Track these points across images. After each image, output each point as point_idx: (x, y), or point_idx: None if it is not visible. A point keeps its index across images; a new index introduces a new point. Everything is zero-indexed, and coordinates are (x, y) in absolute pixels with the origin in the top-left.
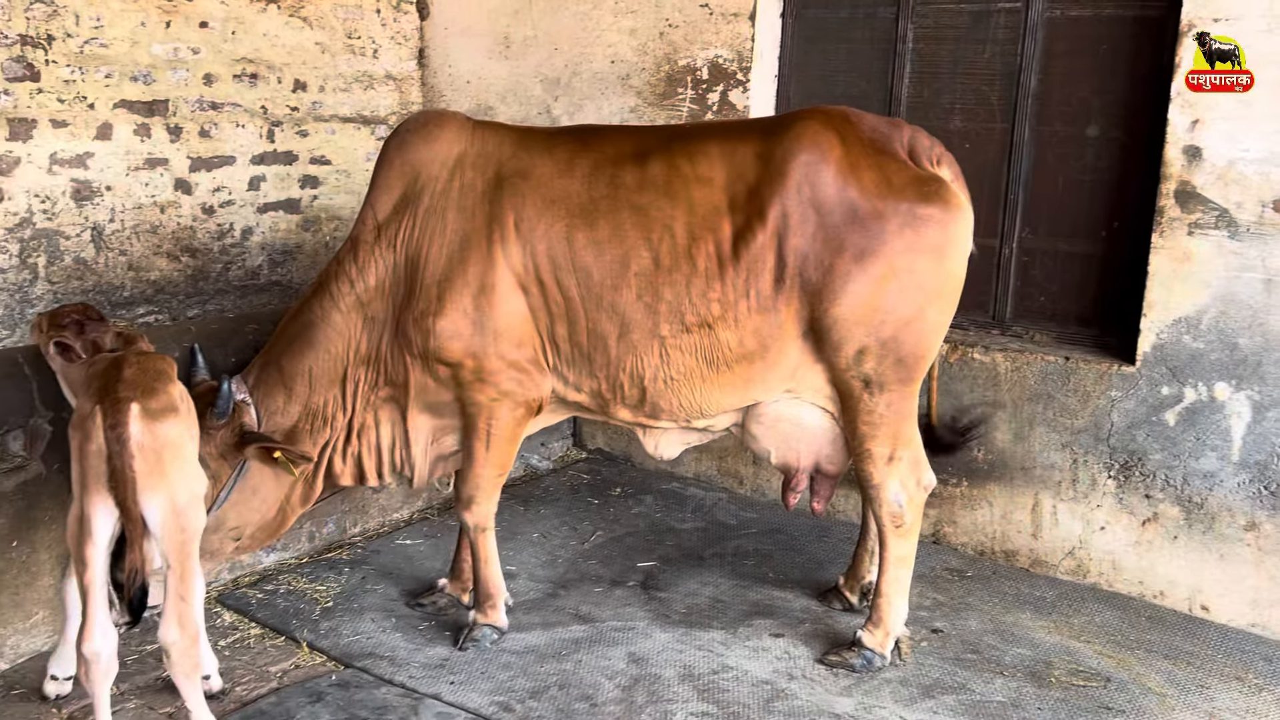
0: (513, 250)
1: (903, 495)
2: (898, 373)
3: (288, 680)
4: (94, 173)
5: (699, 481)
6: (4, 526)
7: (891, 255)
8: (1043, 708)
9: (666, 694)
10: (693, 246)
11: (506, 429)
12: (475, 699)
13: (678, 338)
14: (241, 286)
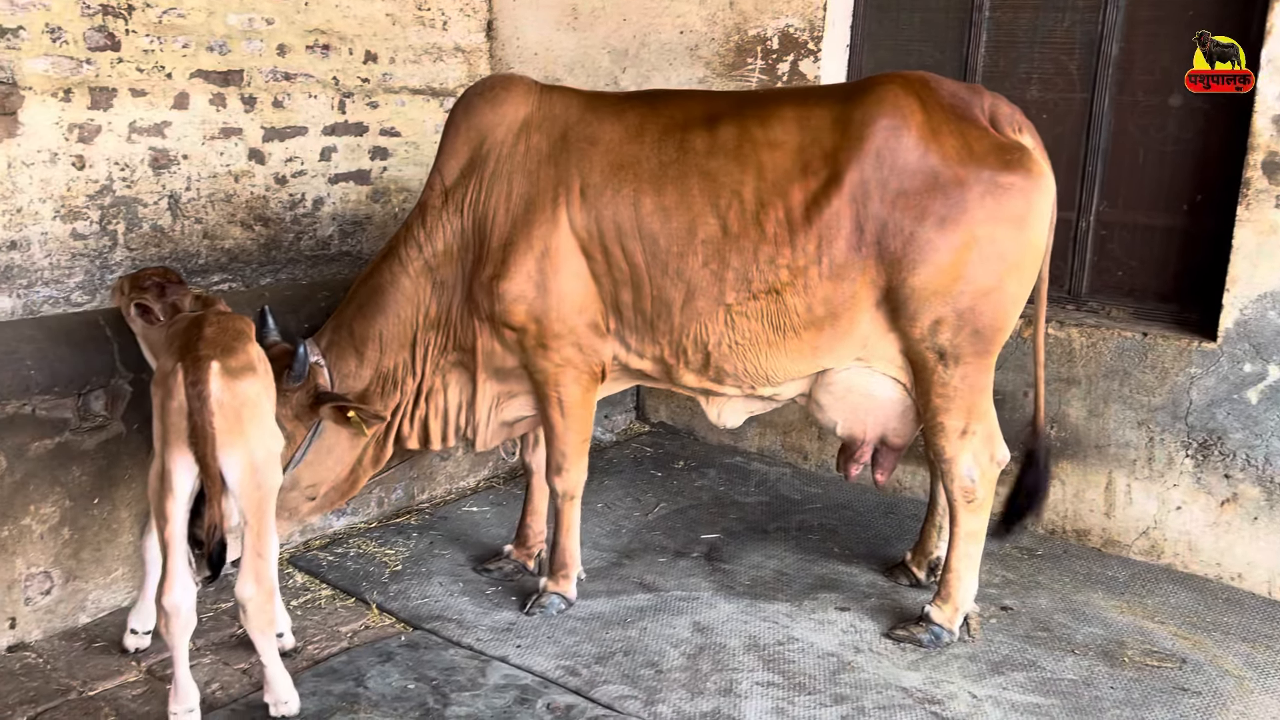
0: (577, 215)
1: (975, 470)
2: (974, 345)
3: (358, 640)
4: (171, 141)
5: (762, 456)
6: (86, 484)
7: (973, 224)
8: (1116, 687)
9: (732, 663)
10: (761, 213)
11: (575, 395)
12: (542, 662)
13: (744, 304)
14: (312, 256)
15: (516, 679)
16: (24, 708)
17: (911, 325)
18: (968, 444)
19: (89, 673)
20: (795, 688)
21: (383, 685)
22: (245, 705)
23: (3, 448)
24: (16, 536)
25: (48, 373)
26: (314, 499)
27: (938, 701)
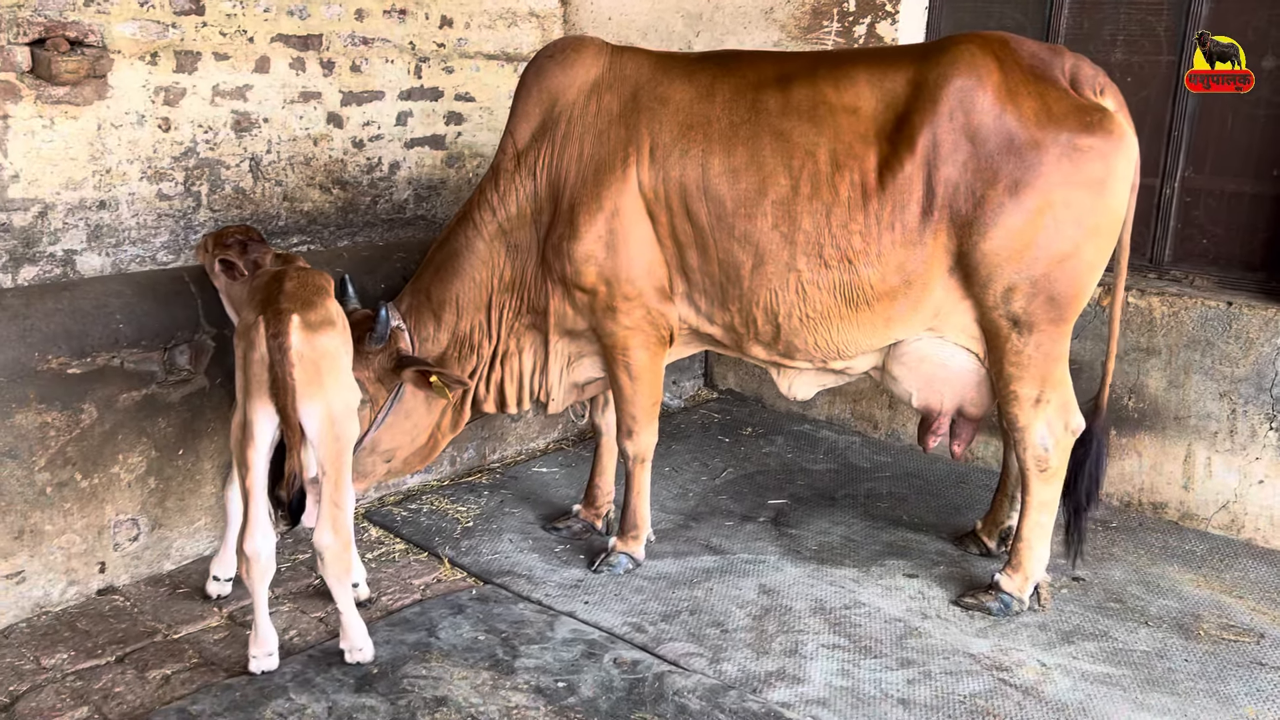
0: (645, 175)
1: (1049, 439)
2: (1049, 312)
3: (430, 593)
4: (252, 104)
5: (831, 424)
6: (171, 436)
7: (1048, 188)
8: (1190, 659)
9: (797, 625)
10: (835, 175)
11: (644, 360)
12: (609, 619)
13: (815, 273)
14: (388, 220)
15: (584, 634)
16: (113, 648)
17: (984, 292)
18: (1042, 413)
19: (173, 616)
20: (861, 651)
21: (454, 636)
22: (321, 651)
23: (93, 399)
24: (106, 484)
25: (135, 327)
26: (391, 462)
27: (1005, 669)
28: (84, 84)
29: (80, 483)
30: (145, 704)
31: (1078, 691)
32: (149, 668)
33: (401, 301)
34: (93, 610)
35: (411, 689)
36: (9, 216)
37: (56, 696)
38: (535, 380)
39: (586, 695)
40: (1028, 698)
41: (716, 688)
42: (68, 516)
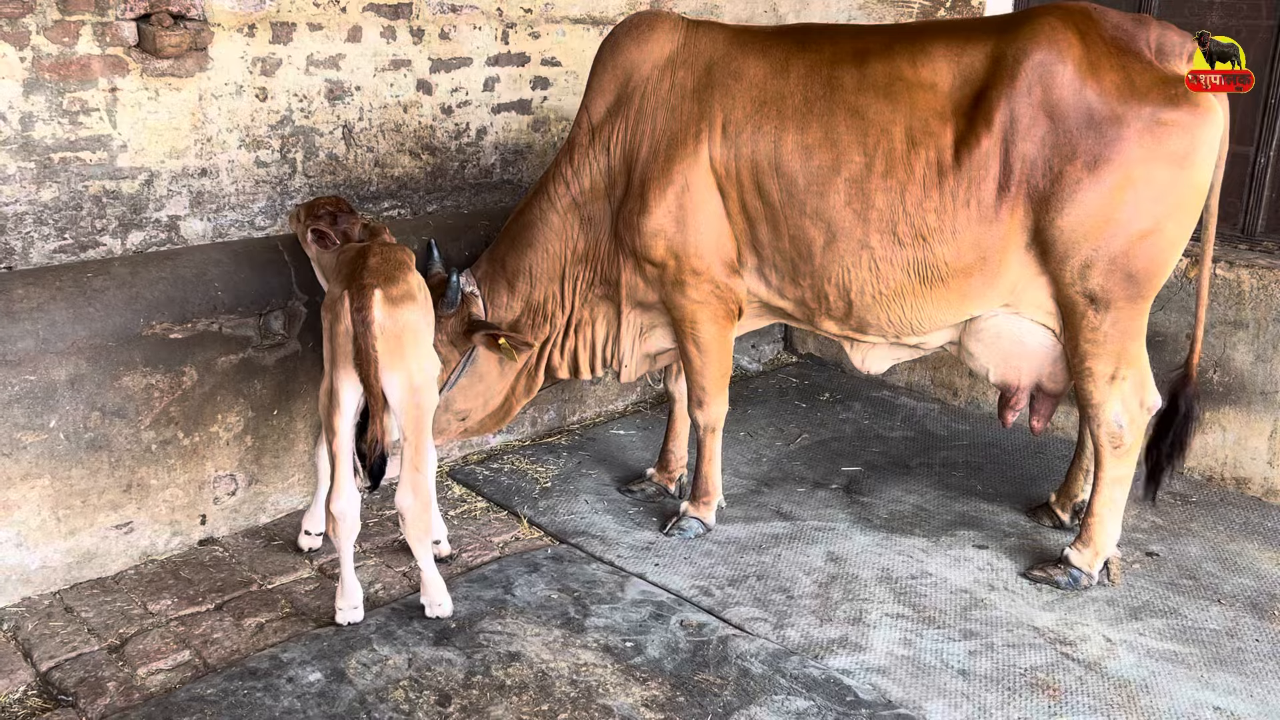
0: (717, 151)
1: (1124, 416)
2: (1127, 289)
3: (508, 551)
4: (345, 73)
5: (910, 391)
6: (267, 397)
7: (1128, 163)
8: (1261, 640)
9: (863, 593)
10: (911, 153)
11: (711, 332)
12: (677, 581)
13: (889, 251)
14: (475, 184)
15: (653, 595)
16: (212, 595)
17: (1061, 268)
18: (1117, 390)
19: (268, 568)
20: (925, 621)
21: (529, 594)
22: (404, 605)
23: (194, 361)
24: (206, 442)
25: (233, 294)
26: (465, 420)
27: (1069, 643)
28: (186, 56)
29: (182, 440)
30: (241, 650)
31: (1141, 668)
32: (245, 615)
33: (478, 268)
34: (194, 560)
35: (487, 644)
36: (118, 185)
37: (161, 640)
38: (608, 349)
39: (652, 655)
40: (1089, 672)
41: (779, 653)
42: (171, 472)
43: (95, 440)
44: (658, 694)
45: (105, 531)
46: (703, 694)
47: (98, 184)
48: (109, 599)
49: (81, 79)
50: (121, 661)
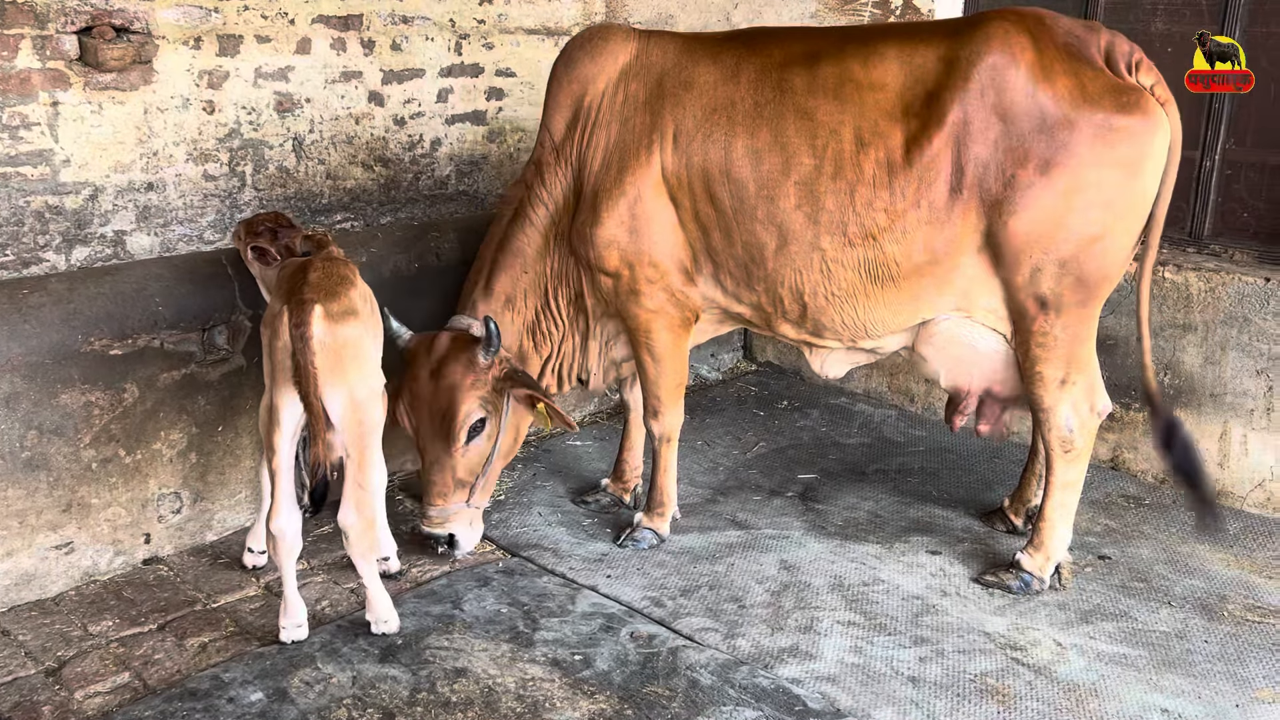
0: (669, 160)
1: (1074, 420)
2: (1076, 294)
3: (459, 565)
4: (294, 85)
5: (868, 397)
6: (211, 413)
7: (1080, 168)
8: (1210, 640)
9: (815, 601)
10: (860, 153)
11: (666, 341)
12: (629, 593)
13: (840, 251)
14: (430, 196)
15: (604, 607)
16: (155, 615)
17: (1012, 272)
18: (1067, 394)
19: (213, 586)
20: (876, 628)
21: (478, 608)
22: (350, 622)
23: (135, 378)
24: (149, 459)
25: (174, 309)
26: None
27: (1020, 648)
28: (130, 70)
29: (124, 458)
30: (182, 670)
31: (1091, 672)
32: (188, 635)
33: (476, 308)
34: (138, 580)
35: (433, 660)
36: (61, 200)
37: (100, 662)
38: (578, 360)
39: (601, 669)
40: (1039, 677)
41: (729, 663)
42: (113, 490)
43: (33, 460)
44: (605, 707)
45: (45, 552)
46: (651, 706)
47: (40, 199)
48: (48, 621)
49: (21, 93)
50: (59, 685)
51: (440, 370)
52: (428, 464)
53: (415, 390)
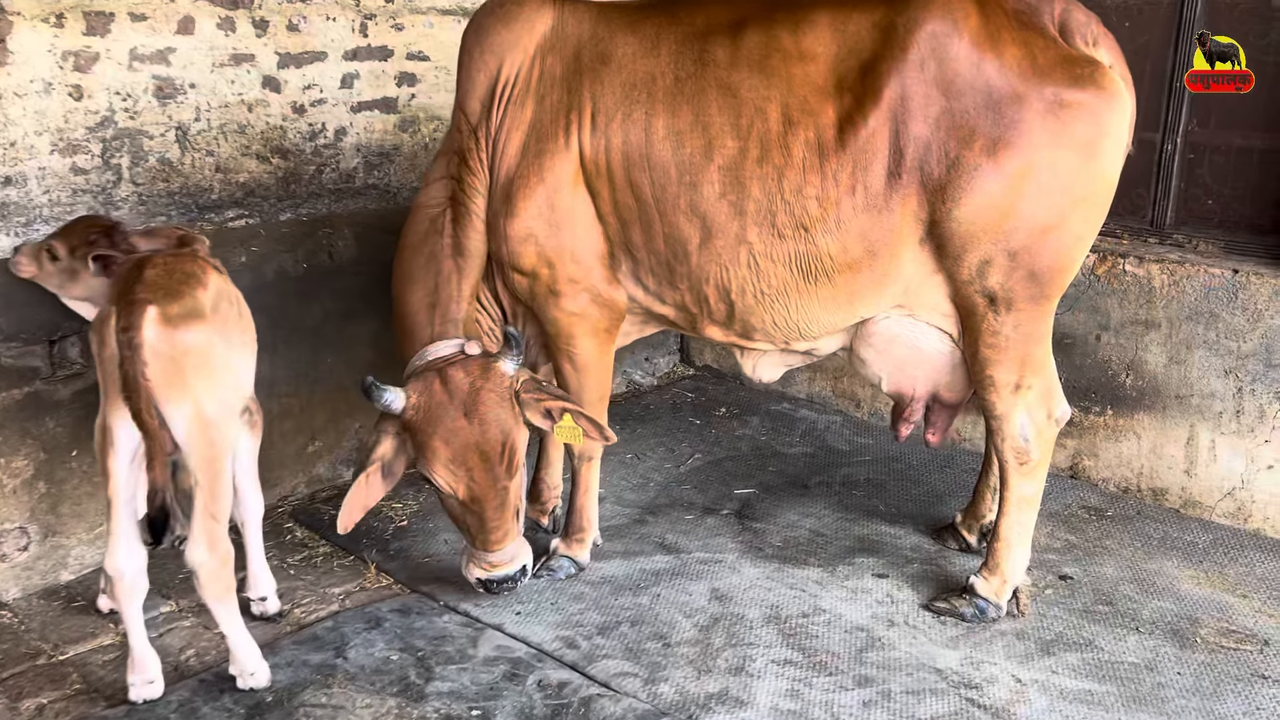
0: (587, 143)
1: (1030, 428)
2: (1029, 289)
3: (349, 604)
4: (176, 69)
5: (812, 403)
6: (62, 436)
7: (1030, 148)
8: (1183, 672)
9: (748, 636)
10: (788, 134)
11: (589, 348)
12: (540, 632)
13: (769, 245)
14: (336, 190)
15: (509, 651)
16: None
17: (957, 265)
18: (1021, 400)
19: (62, 634)
20: (815, 667)
21: (364, 656)
22: (216, 675)
23: None
24: None
25: (15, 319)
26: None
27: (975, 686)
28: None
29: None
30: None
31: (1054, 713)
32: (24, 695)
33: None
34: None
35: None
36: None
37: None
38: None
39: None
40: None
41: (648, 714)
42: None
43: None
44: None
45: None
46: None
47: None
48: None
49: None
50: None
51: (476, 407)
52: (489, 512)
53: (454, 443)
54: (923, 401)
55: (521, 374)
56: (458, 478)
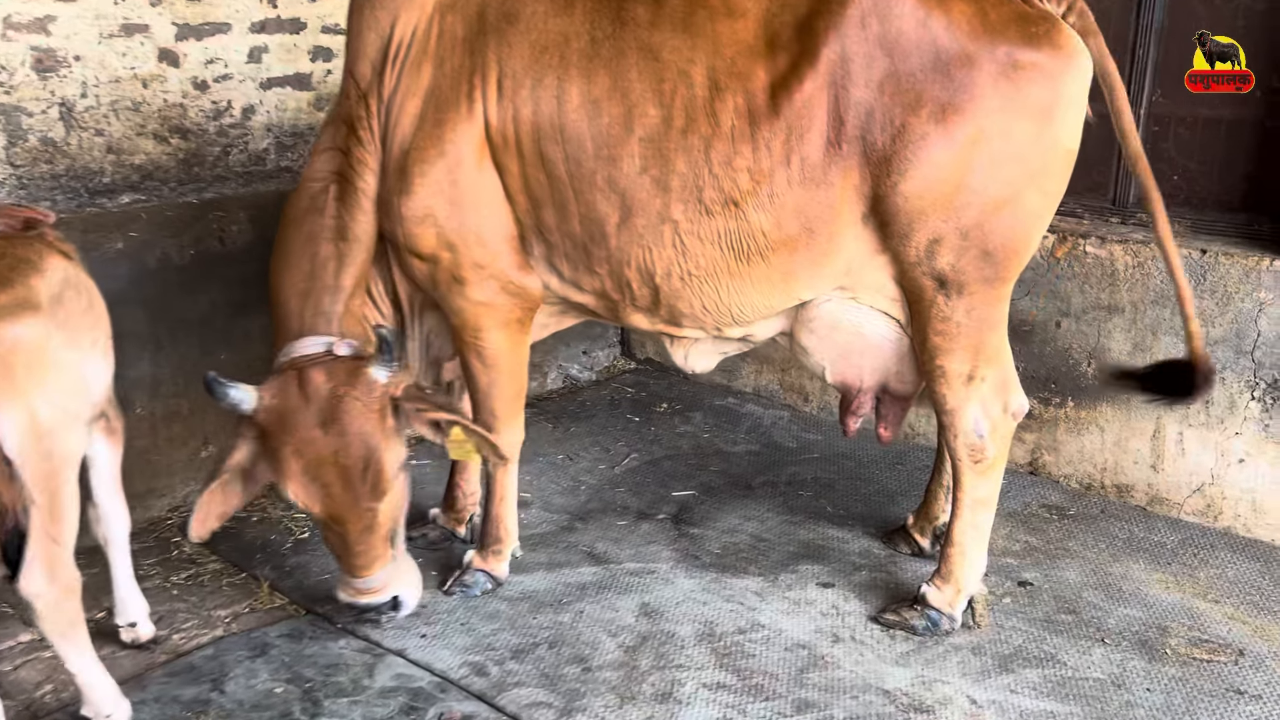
0: (493, 114)
1: (984, 424)
2: (982, 270)
3: (235, 627)
4: (58, 39)
5: (758, 397)
6: None
7: (982, 114)
8: (1153, 688)
9: (678, 658)
10: (716, 100)
11: (500, 341)
12: (445, 657)
13: (695, 222)
14: (245, 173)
15: (410, 680)
16: None
17: (904, 245)
18: (975, 392)
19: None
20: (750, 691)
21: (244, 689)
22: (69, 716)
23: None
24: None
25: None
26: None
27: (926, 709)
28: None
29: None
30: None
31: None
32: None
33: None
34: None
35: None
36: None
37: None
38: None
39: None
40: None
41: None
42: None
43: None
44: None
45: None
46: None
47: None
48: None
49: None
50: None
51: (336, 417)
52: (351, 535)
53: (307, 455)
54: (871, 393)
55: (401, 380)
56: (312, 494)
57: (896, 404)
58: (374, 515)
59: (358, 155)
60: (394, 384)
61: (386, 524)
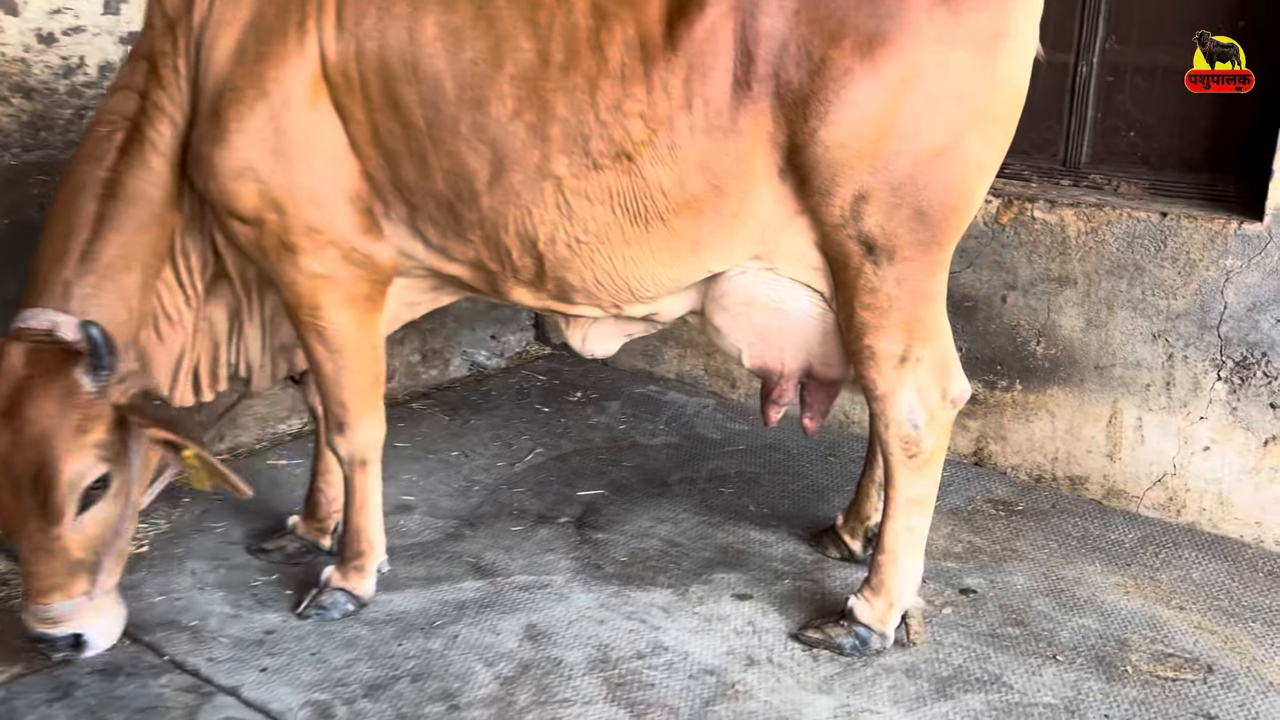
0: (331, 47)
1: (920, 412)
2: (917, 233)
3: (39, 663)
4: None
5: (681, 384)
6: None
7: (915, 47)
8: (1112, 713)
9: (562, 690)
10: (602, 30)
11: (344, 321)
12: (285, 696)
13: (581, 178)
14: None
15: None
16: None
17: (826, 203)
18: (909, 375)
19: None
20: None
21: None
22: None
23: None
24: None
25: None
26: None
27: None
28: None
29: None
30: None
31: None
32: None
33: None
34: None
35: None
36: None
37: None
38: (232, 349)
39: None
40: None
41: None
42: None
43: None
44: None
45: None
46: None
47: None
48: None
49: None
50: None
51: (16, 410)
52: (23, 552)
53: None
54: (794, 379)
55: (124, 388)
56: None
57: (823, 390)
58: (54, 540)
59: (154, 98)
60: (112, 392)
61: (75, 553)
